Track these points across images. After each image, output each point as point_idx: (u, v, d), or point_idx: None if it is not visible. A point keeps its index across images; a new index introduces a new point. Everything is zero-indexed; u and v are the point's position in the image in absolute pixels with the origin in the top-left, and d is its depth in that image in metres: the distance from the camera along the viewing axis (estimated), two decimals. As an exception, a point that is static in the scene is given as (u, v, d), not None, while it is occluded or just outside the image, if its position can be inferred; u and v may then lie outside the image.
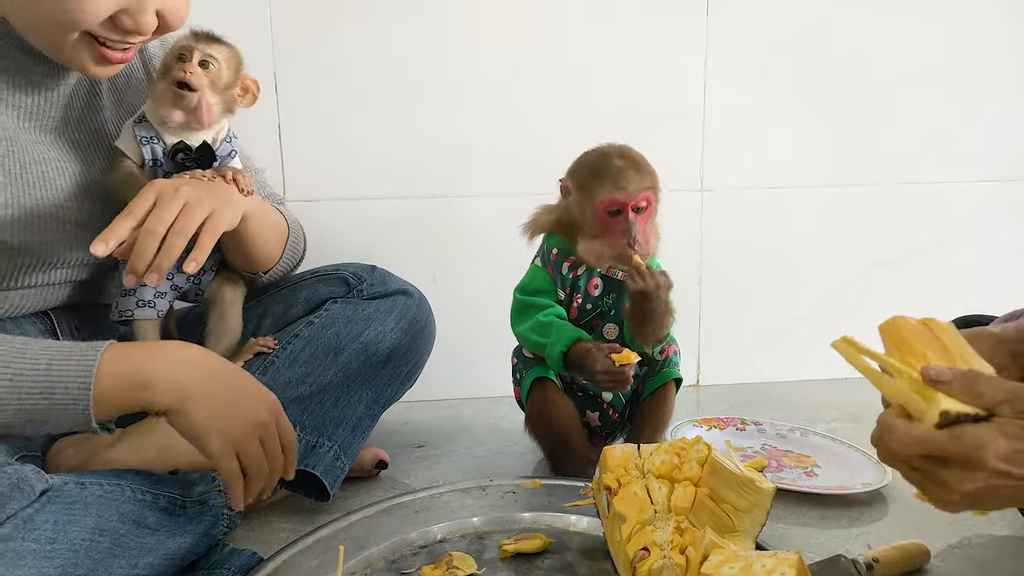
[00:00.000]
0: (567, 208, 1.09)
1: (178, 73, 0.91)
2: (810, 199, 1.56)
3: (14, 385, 0.70)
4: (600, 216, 1.02)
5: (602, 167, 1.03)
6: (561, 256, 1.11)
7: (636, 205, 1.02)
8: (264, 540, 0.94)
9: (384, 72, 1.41)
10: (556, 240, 1.11)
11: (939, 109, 1.54)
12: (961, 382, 0.56)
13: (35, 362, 0.71)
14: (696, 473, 0.79)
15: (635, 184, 1.01)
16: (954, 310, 1.17)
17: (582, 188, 1.04)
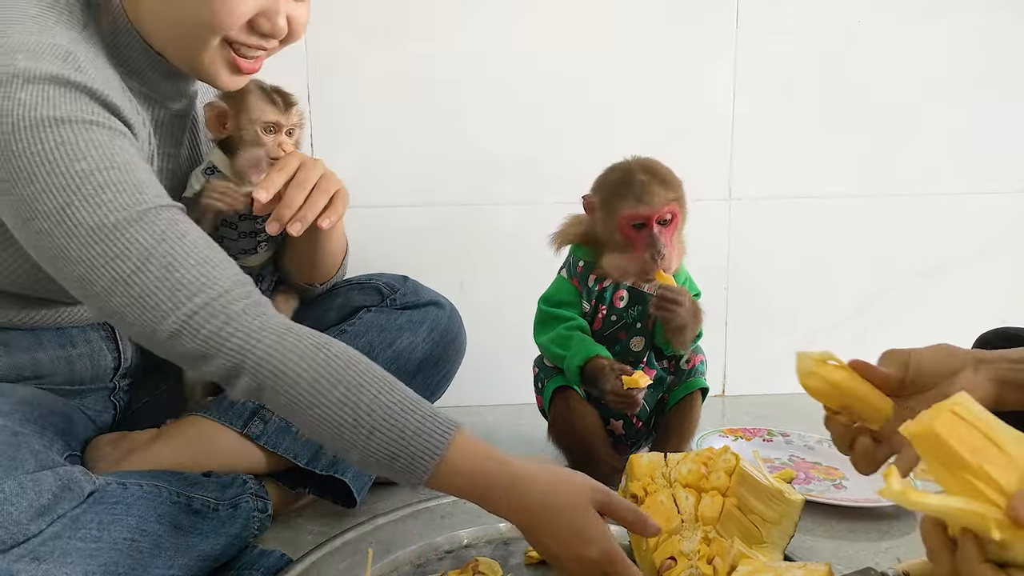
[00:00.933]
0: (590, 222, 1.10)
1: (275, 150, 0.96)
2: (839, 209, 1.55)
3: (368, 439, 0.70)
4: (624, 230, 1.03)
5: (626, 182, 1.03)
6: (587, 268, 1.11)
7: (661, 218, 1.02)
8: (293, 542, 0.96)
9: (415, 83, 1.43)
10: (583, 252, 1.12)
11: (970, 119, 1.52)
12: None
13: (392, 423, 0.70)
14: (724, 483, 0.80)
15: (659, 197, 1.01)
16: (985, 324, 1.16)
17: (606, 204, 1.05)
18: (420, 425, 0.71)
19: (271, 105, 0.97)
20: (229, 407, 0.98)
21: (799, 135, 1.51)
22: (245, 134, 0.96)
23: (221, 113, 0.96)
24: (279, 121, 0.97)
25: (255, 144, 0.96)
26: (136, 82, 0.86)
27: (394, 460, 0.70)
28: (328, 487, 0.99)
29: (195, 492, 0.85)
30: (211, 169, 0.97)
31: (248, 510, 0.90)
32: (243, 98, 0.95)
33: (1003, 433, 0.51)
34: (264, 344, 0.70)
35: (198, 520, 0.82)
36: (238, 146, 0.97)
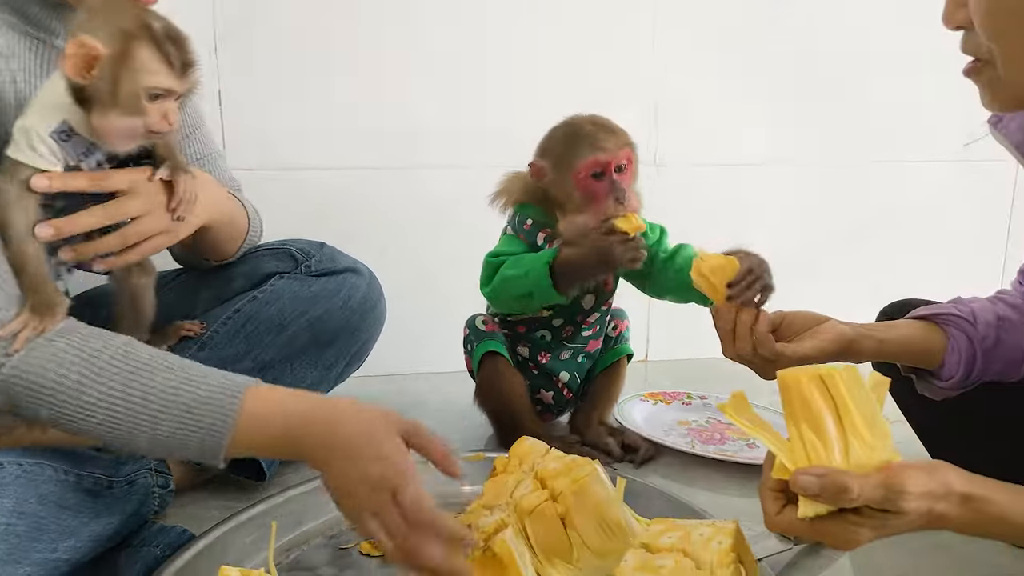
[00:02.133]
0: (538, 188, 1.06)
1: (158, 123, 0.75)
2: (762, 175, 1.57)
3: (154, 427, 0.66)
4: (583, 183, 0.99)
5: (576, 135, 1.01)
6: (536, 227, 1.08)
7: (618, 164, 0.99)
8: (199, 516, 0.92)
9: (334, 38, 1.37)
10: (531, 210, 1.08)
11: (893, 89, 1.56)
12: (829, 493, 0.56)
13: (176, 398, 0.67)
14: (562, 487, 0.76)
15: (612, 142, 0.99)
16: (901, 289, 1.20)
17: (559, 162, 1.01)
18: (207, 396, 0.67)
19: (166, 66, 0.73)
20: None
21: (723, 103, 1.52)
22: (121, 97, 0.72)
23: (92, 56, 0.70)
24: (171, 88, 0.74)
25: (133, 111, 0.73)
26: (16, 18, 0.78)
27: (187, 439, 0.67)
28: (236, 461, 0.94)
29: (85, 469, 0.79)
30: (65, 133, 0.74)
31: (147, 486, 0.85)
32: (128, 47, 0.71)
33: (865, 416, 0.58)
34: (14, 360, 0.66)
35: (88, 499, 0.77)
36: (105, 103, 0.72)
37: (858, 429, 0.58)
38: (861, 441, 0.57)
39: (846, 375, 0.59)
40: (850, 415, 0.58)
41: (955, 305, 0.88)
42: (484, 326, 1.12)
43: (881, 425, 0.59)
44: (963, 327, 0.85)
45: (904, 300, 1.03)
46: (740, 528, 0.68)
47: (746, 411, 0.64)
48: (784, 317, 0.90)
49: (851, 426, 0.58)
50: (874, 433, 0.58)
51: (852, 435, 0.58)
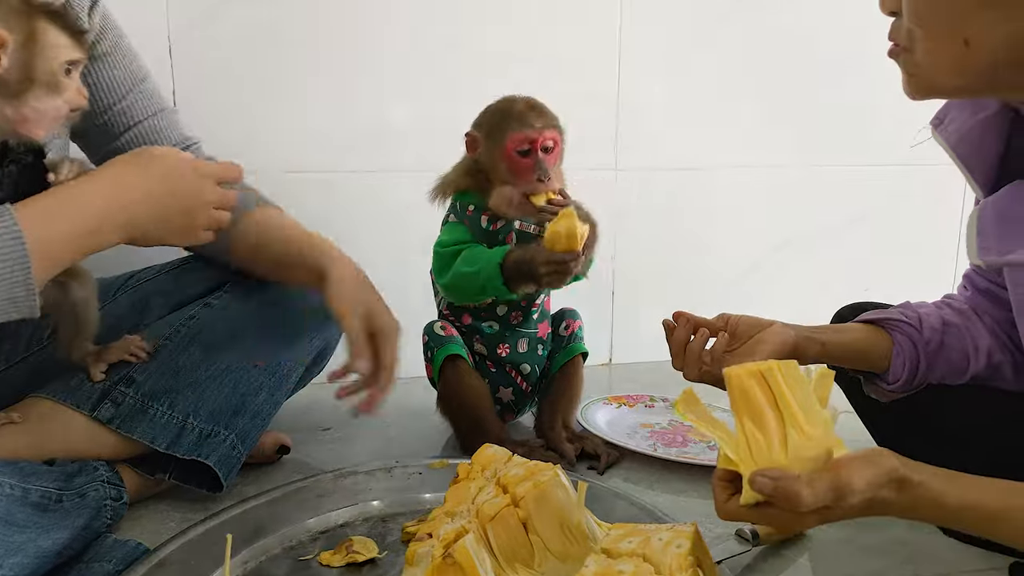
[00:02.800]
0: (476, 162, 1.09)
1: (76, 98, 0.75)
2: (721, 180, 1.59)
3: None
4: (510, 157, 1.04)
5: (508, 110, 1.06)
6: (478, 212, 1.09)
7: (544, 143, 1.04)
8: (154, 530, 0.89)
9: (293, 43, 1.34)
10: (470, 197, 1.10)
11: (846, 94, 1.59)
12: (782, 497, 0.58)
13: None
14: (524, 492, 0.76)
15: (541, 122, 1.05)
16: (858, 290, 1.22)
17: (491, 134, 1.07)
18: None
19: (71, 38, 0.74)
20: (77, 387, 0.90)
21: (683, 108, 1.53)
22: (39, 75, 0.71)
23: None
24: (80, 58, 0.75)
25: (53, 89, 0.72)
26: None
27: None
28: (192, 472, 0.93)
29: (33, 483, 0.77)
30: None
31: (98, 499, 0.83)
32: (32, 28, 0.71)
33: (804, 408, 0.60)
34: None
35: (35, 514, 0.75)
36: (19, 89, 0.71)
37: (797, 421, 0.60)
38: (800, 432, 0.60)
39: (785, 370, 0.61)
40: (789, 408, 0.60)
41: (902, 310, 0.90)
42: (443, 331, 1.12)
43: (820, 416, 0.61)
44: (908, 332, 0.87)
45: (857, 303, 1.05)
46: (699, 531, 0.69)
47: (696, 407, 0.67)
48: (728, 321, 0.90)
49: (790, 418, 0.60)
50: (812, 424, 0.60)
51: (791, 427, 0.60)
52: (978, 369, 0.86)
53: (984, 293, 0.89)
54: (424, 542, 0.75)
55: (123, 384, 0.90)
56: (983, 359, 0.86)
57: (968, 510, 0.61)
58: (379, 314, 0.93)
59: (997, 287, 0.87)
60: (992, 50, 0.61)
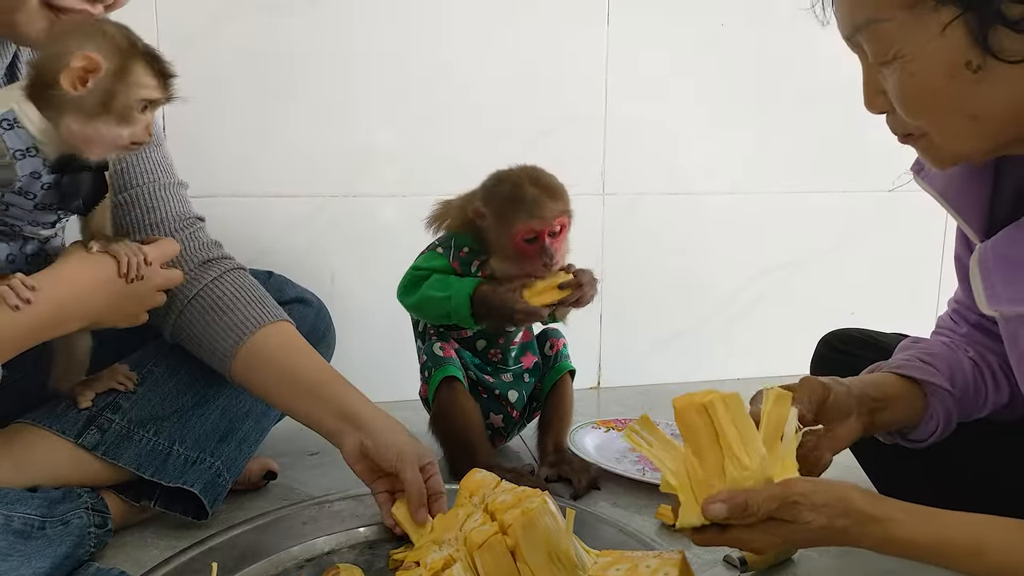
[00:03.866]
0: (476, 224, 1.10)
1: (142, 134, 0.80)
2: (707, 205, 1.60)
3: None
4: (518, 244, 1.05)
5: (518, 197, 1.05)
6: (472, 255, 1.11)
7: (552, 231, 1.05)
8: (136, 558, 0.88)
9: (280, 67, 1.36)
10: (468, 240, 1.12)
11: (832, 120, 1.61)
12: (734, 513, 0.62)
13: None
14: (512, 519, 0.75)
15: (551, 212, 1.05)
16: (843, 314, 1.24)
17: (500, 217, 1.07)
18: None
19: (156, 79, 0.79)
20: (62, 414, 0.90)
21: (670, 133, 1.55)
22: (114, 106, 0.76)
23: (91, 69, 0.74)
24: (158, 99, 0.80)
25: (124, 121, 0.77)
26: None
27: None
28: (177, 498, 0.92)
29: (15, 510, 0.76)
30: (8, 122, 0.74)
31: (82, 527, 0.82)
32: (126, 63, 0.76)
33: (745, 439, 0.64)
34: None
35: (18, 541, 0.74)
36: (92, 112, 0.76)
37: (733, 453, 0.63)
38: (736, 465, 0.63)
39: (728, 402, 0.64)
40: (727, 441, 0.63)
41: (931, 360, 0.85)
42: (442, 351, 1.12)
43: (758, 448, 0.64)
44: (943, 399, 0.83)
45: (842, 330, 1.05)
46: (686, 558, 0.69)
47: (653, 432, 0.69)
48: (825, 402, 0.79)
49: (727, 450, 0.63)
50: (750, 456, 0.63)
51: (728, 458, 0.63)
52: (985, 411, 0.86)
53: (977, 327, 0.88)
54: (411, 571, 0.74)
55: (109, 410, 0.90)
56: (990, 403, 0.85)
57: (941, 546, 0.61)
58: (424, 453, 0.88)
59: (989, 321, 0.85)
60: (1001, 114, 0.62)
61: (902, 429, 0.86)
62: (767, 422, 0.65)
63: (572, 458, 1.13)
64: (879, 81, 0.67)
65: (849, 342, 1.03)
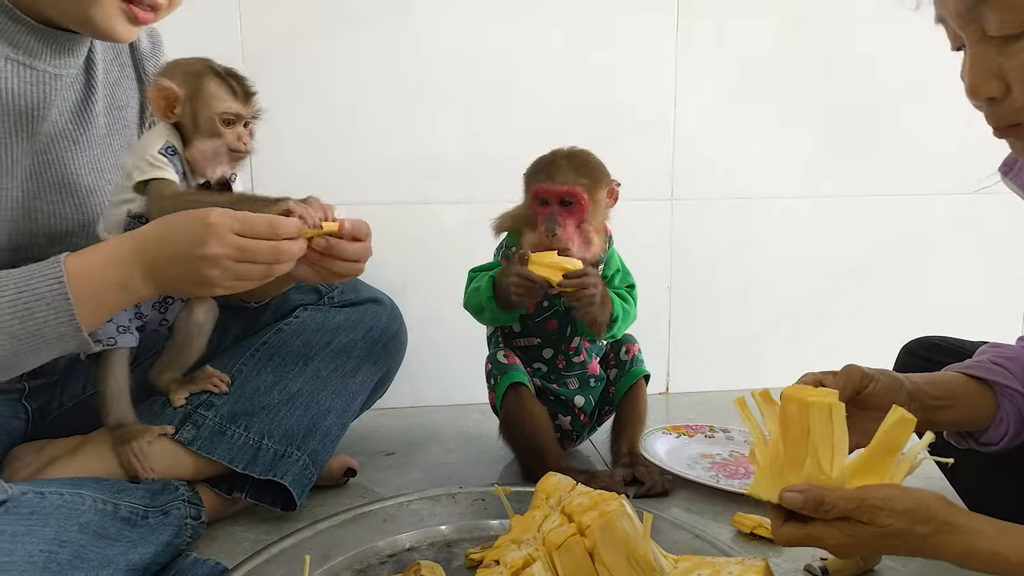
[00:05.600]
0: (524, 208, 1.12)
1: (235, 143, 0.88)
2: (777, 209, 1.58)
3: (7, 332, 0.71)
4: (533, 206, 1.08)
5: (544, 161, 1.09)
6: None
7: (562, 197, 1.05)
8: (229, 550, 0.92)
9: (354, 78, 1.40)
10: (514, 239, 1.14)
11: (908, 122, 1.58)
12: (808, 505, 0.64)
13: (3, 288, 0.72)
14: (589, 522, 0.76)
15: (563, 176, 1.06)
16: (913, 322, 1.20)
17: (526, 184, 1.11)
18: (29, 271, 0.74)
19: (231, 95, 0.88)
20: (160, 411, 0.95)
21: (739, 137, 1.54)
22: (201, 124, 0.87)
23: (171, 97, 0.86)
24: (240, 112, 0.89)
25: (212, 135, 0.87)
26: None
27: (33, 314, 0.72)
28: (266, 491, 0.96)
29: (122, 499, 0.81)
30: (171, 149, 0.87)
31: (180, 517, 0.87)
32: (198, 83, 0.87)
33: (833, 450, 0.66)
34: None
35: (125, 528, 0.79)
36: (190, 134, 0.88)
37: (818, 456, 0.66)
38: (816, 465, 0.66)
39: (832, 410, 0.66)
40: (813, 442, 0.66)
41: (1003, 365, 0.83)
42: (506, 359, 1.14)
43: (840, 461, 0.66)
44: (1016, 400, 0.82)
45: (926, 337, 1.03)
46: (769, 566, 0.69)
47: (767, 405, 0.71)
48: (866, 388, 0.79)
49: (812, 450, 0.66)
50: (832, 465, 0.66)
51: (811, 456, 0.66)
52: None
53: None
54: (492, 569, 0.76)
55: (203, 408, 0.95)
56: None
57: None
58: None
59: None
60: None
61: (971, 431, 0.84)
62: (882, 439, 0.66)
63: (646, 461, 1.13)
64: (996, 62, 0.61)
65: (933, 350, 1.01)
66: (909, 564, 0.89)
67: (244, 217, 0.77)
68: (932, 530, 0.61)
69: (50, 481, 0.79)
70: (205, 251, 0.75)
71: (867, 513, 0.62)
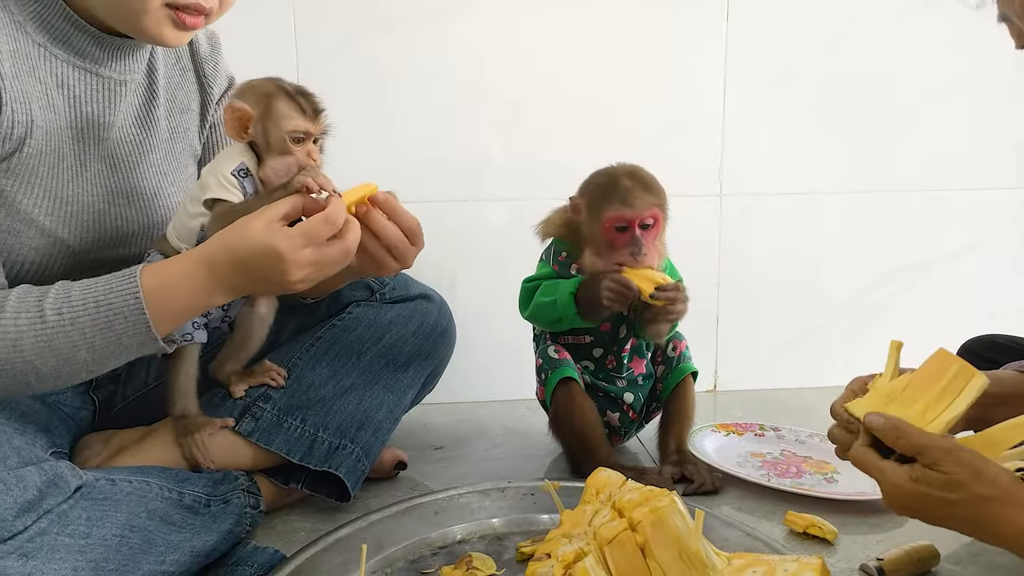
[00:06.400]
0: (573, 221, 1.12)
1: (305, 159, 0.89)
2: (829, 206, 1.55)
3: (76, 329, 0.74)
4: (608, 232, 1.06)
5: (611, 186, 1.07)
6: (569, 260, 1.14)
7: (643, 222, 1.05)
8: (286, 539, 0.95)
9: (407, 79, 1.42)
10: (565, 245, 1.14)
11: (961, 116, 1.53)
12: (887, 432, 0.68)
13: (84, 304, 0.75)
14: (641, 517, 0.76)
15: (642, 201, 1.05)
16: (973, 320, 1.17)
17: (592, 206, 1.08)
18: (107, 285, 0.76)
19: (300, 113, 0.89)
20: (220, 404, 0.98)
21: (789, 131, 1.52)
22: (272, 142, 0.89)
23: (244, 117, 0.88)
24: (309, 130, 0.90)
25: (283, 153, 0.88)
26: (62, 49, 0.85)
27: (111, 327, 0.75)
28: (321, 482, 0.99)
29: (186, 487, 0.84)
30: (244, 171, 0.89)
31: (240, 506, 0.89)
32: (269, 103, 0.88)
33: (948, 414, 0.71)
34: None
35: (189, 516, 0.82)
36: (263, 152, 0.90)
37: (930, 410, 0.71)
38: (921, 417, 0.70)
39: (975, 379, 0.71)
40: (934, 399, 0.71)
41: None
42: (556, 354, 1.14)
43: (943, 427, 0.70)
44: None
45: (986, 336, 1.00)
46: (826, 564, 0.68)
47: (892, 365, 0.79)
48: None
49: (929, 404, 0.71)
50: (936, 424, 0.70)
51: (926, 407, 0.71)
52: None
53: None
54: (543, 562, 0.76)
55: (261, 400, 0.98)
56: None
57: None
58: None
59: None
60: None
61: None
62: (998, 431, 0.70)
63: (694, 459, 1.13)
64: None
65: (993, 348, 0.99)
66: (970, 564, 0.87)
67: (306, 231, 0.78)
68: (992, 495, 0.61)
69: (119, 469, 0.83)
70: (289, 279, 0.79)
71: (934, 454, 0.63)
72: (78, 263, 0.89)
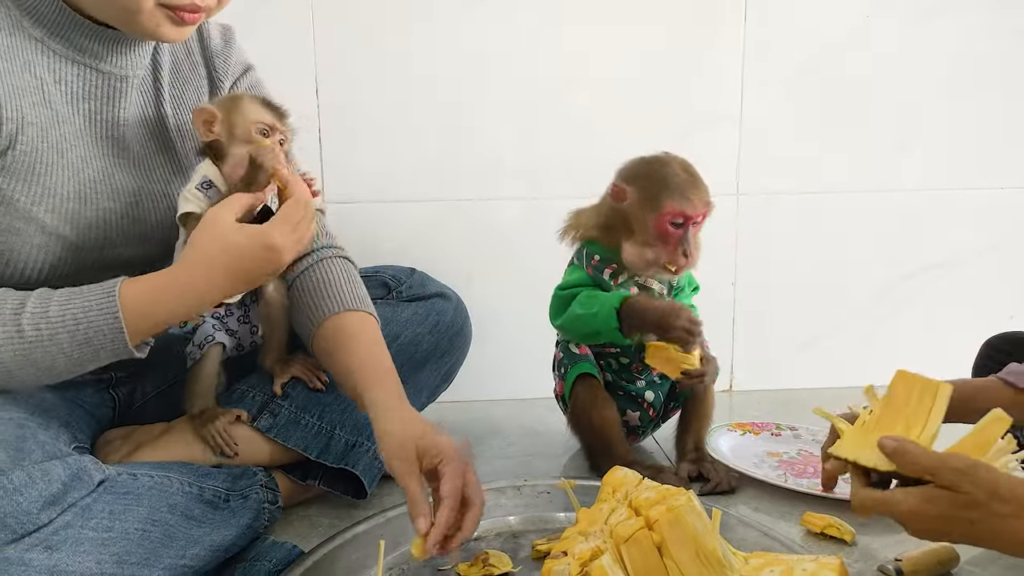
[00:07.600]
0: (611, 212, 1.09)
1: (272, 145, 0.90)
2: (846, 205, 1.54)
3: (54, 344, 0.75)
4: (662, 225, 1.03)
5: (669, 177, 1.04)
6: (603, 263, 1.11)
7: (695, 219, 1.04)
8: (304, 534, 0.96)
9: (420, 77, 1.43)
10: (598, 247, 1.12)
11: (978, 115, 1.52)
12: (898, 451, 0.68)
13: (63, 320, 0.75)
14: (657, 516, 0.75)
15: (699, 198, 1.03)
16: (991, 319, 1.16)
17: (646, 196, 1.05)
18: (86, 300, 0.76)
19: (265, 108, 0.92)
20: (239, 400, 0.98)
21: (806, 130, 1.51)
22: (237, 133, 0.90)
23: (209, 116, 0.90)
24: (274, 124, 0.92)
25: (246, 143, 0.89)
26: (60, 44, 0.84)
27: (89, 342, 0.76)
28: (338, 479, 0.99)
29: (206, 482, 0.85)
30: (207, 184, 0.89)
31: (259, 501, 0.90)
32: (235, 102, 0.92)
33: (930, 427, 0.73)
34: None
35: (209, 510, 0.83)
36: (227, 151, 0.90)
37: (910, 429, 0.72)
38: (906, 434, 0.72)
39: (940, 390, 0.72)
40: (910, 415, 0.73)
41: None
42: (577, 349, 1.14)
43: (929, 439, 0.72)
44: None
45: (1009, 333, 0.99)
46: (844, 564, 0.68)
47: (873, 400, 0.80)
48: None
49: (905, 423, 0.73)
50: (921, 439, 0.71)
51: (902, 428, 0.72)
52: None
53: None
54: (560, 560, 0.77)
55: (279, 397, 0.98)
56: None
57: None
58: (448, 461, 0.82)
59: None
60: None
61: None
62: (977, 434, 0.68)
63: (712, 458, 1.12)
64: None
65: (1016, 345, 0.97)
66: (989, 566, 0.86)
67: (287, 215, 0.83)
68: (1012, 511, 0.60)
69: (140, 464, 0.84)
70: (282, 265, 0.83)
71: (949, 476, 0.62)
72: (86, 262, 0.89)
